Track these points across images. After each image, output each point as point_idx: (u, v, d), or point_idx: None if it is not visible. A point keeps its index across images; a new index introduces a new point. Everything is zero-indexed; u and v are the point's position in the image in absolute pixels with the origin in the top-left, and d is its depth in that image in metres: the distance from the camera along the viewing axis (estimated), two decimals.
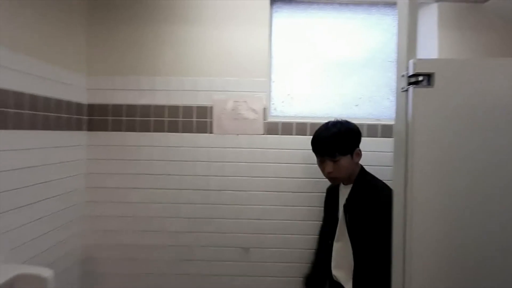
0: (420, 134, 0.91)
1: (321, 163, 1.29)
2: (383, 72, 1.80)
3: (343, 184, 1.33)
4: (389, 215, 1.16)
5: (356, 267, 1.21)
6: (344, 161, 1.23)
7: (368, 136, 1.70)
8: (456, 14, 1.60)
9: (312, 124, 1.71)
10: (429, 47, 1.65)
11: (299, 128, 1.72)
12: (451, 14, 1.61)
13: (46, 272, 1.07)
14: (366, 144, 1.69)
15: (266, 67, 1.73)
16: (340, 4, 1.79)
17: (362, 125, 1.71)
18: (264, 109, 1.71)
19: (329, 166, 1.24)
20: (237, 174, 1.70)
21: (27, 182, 1.27)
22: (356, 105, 1.82)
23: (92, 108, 1.70)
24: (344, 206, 1.27)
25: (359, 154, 1.31)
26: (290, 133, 1.72)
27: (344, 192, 1.31)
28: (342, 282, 1.26)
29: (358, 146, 1.32)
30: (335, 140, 1.24)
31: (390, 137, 1.45)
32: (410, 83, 0.92)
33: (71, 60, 1.57)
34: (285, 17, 1.81)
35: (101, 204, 1.71)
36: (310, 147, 1.73)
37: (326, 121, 1.74)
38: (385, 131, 1.71)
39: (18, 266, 1.09)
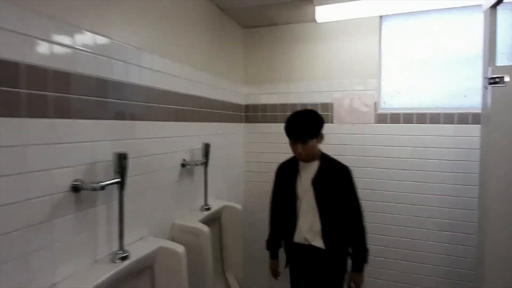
0: (496, 122, 1.24)
1: (293, 145, 1.57)
2: None
3: (306, 161, 1.61)
4: (350, 184, 1.58)
5: (323, 228, 1.56)
6: (311, 142, 1.54)
7: (473, 123, 1.94)
8: None
9: (418, 114, 2.05)
10: None
11: (406, 118, 2.08)
12: None
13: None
14: (472, 130, 1.94)
15: (376, 69, 2.15)
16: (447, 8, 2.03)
17: (467, 114, 1.96)
18: (375, 103, 2.13)
19: (300, 147, 1.53)
20: (353, 154, 2.19)
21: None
22: (465, 96, 2.04)
23: (247, 107, 2.48)
24: (313, 180, 1.57)
25: (322, 137, 1.61)
26: (398, 122, 2.10)
27: (307, 169, 1.61)
28: (314, 242, 1.58)
29: (322, 131, 1.61)
30: (306, 128, 1.53)
31: None
32: (490, 83, 1.26)
33: (235, 74, 2.36)
34: (393, 24, 2.16)
35: (253, 173, 2.48)
36: (417, 134, 2.07)
37: (431, 111, 2.04)
38: None
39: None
